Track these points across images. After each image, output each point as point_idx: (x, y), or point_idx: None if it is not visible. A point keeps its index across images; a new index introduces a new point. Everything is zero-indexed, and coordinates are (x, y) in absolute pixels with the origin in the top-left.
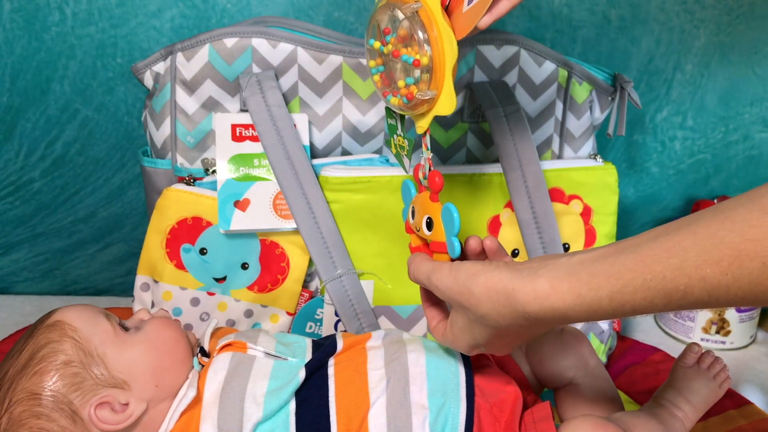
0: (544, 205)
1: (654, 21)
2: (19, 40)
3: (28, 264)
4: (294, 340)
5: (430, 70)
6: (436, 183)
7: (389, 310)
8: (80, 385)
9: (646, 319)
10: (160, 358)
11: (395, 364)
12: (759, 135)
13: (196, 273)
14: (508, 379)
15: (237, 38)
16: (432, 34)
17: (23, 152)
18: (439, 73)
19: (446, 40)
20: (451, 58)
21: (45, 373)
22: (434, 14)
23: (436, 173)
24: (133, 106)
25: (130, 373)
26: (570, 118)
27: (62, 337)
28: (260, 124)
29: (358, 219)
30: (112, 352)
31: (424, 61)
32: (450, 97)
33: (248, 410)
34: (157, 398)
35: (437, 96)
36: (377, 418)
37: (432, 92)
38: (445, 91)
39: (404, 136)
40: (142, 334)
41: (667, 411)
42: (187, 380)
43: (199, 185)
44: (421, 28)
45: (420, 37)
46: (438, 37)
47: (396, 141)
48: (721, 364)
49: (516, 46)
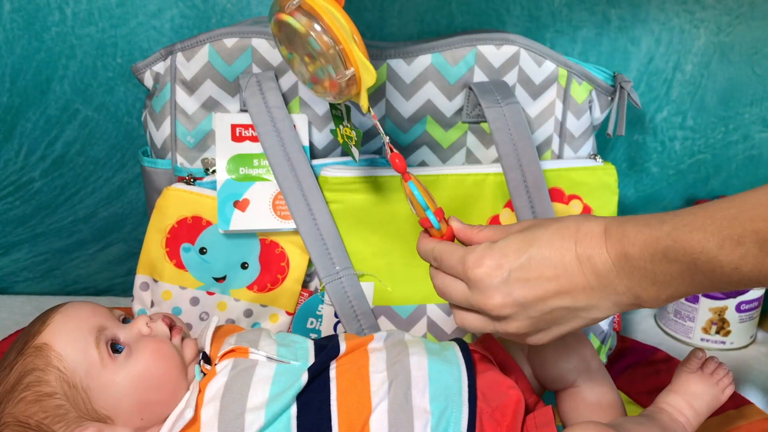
0: (544, 205)
1: (654, 21)
2: (19, 40)
3: (28, 264)
4: (295, 340)
5: (339, 51)
6: (398, 165)
7: (389, 310)
8: (64, 417)
9: (646, 319)
10: (147, 394)
11: (397, 367)
12: (759, 135)
13: (195, 272)
14: (510, 383)
15: (237, 38)
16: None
17: (23, 152)
18: (345, 49)
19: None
20: (346, 30)
21: (30, 403)
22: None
23: (396, 155)
24: (133, 106)
25: (113, 409)
26: (570, 118)
27: (47, 366)
28: (260, 125)
29: (357, 219)
30: (96, 386)
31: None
32: (366, 67)
33: (248, 421)
34: (144, 427)
35: (356, 71)
36: (379, 422)
37: (350, 70)
38: (358, 63)
39: (351, 127)
40: (131, 365)
41: (669, 416)
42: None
43: (199, 185)
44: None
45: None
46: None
47: (342, 132)
48: (724, 370)
49: (516, 46)
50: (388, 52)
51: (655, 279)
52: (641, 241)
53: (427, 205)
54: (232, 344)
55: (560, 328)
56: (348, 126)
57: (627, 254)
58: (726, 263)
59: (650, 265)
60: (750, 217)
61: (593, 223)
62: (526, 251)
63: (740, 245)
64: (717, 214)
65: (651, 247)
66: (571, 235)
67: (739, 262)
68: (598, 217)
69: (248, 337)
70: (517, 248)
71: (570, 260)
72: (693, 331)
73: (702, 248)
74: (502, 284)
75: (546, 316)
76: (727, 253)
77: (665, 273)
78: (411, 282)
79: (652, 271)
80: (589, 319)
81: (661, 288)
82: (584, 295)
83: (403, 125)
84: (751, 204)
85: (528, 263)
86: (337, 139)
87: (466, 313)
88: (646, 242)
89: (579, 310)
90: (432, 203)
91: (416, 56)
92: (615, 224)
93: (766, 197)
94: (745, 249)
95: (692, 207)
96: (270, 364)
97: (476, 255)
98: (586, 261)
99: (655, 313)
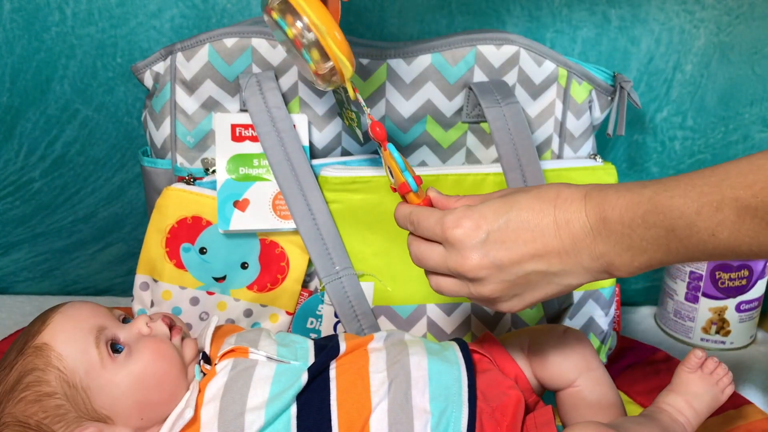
0: None
1: (654, 21)
2: (19, 40)
3: (28, 264)
4: (295, 340)
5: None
6: (378, 133)
7: (389, 310)
8: (64, 416)
9: (646, 318)
10: (147, 393)
11: (397, 367)
12: (759, 135)
13: (195, 272)
14: (510, 383)
15: (237, 38)
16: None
17: (23, 152)
18: (323, 42)
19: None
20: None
21: (29, 403)
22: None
23: (376, 123)
24: (133, 106)
25: (113, 408)
26: (570, 118)
27: (47, 366)
28: (260, 125)
29: (357, 219)
30: (96, 386)
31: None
32: (342, 62)
33: (248, 421)
34: (144, 427)
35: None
36: (379, 422)
37: (329, 63)
38: (336, 55)
39: (351, 109)
40: (131, 364)
41: (669, 416)
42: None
43: (199, 185)
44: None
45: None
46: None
47: (346, 114)
48: (724, 369)
49: (516, 46)
50: (388, 52)
51: (631, 244)
52: (621, 205)
53: (405, 168)
54: (232, 344)
55: (534, 294)
56: (349, 108)
57: (606, 218)
58: (703, 229)
59: (628, 229)
60: (731, 184)
61: (574, 189)
62: (505, 213)
63: (719, 211)
64: (699, 180)
65: (630, 211)
66: (551, 199)
67: (715, 229)
68: (579, 185)
69: (248, 337)
70: (496, 210)
71: (548, 224)
72: (693, 331)
73: (681, 213)
74: (479, 245)
75: (520, 279)
76: (705, 219)
77: (642, 238)
78: (411, 282)
79: (629, 235)
80: (563, 285)
81: (635, 254)
82: (558, 259)
83: (403, 125)
84: (734, 172)
85: (506, 225)
86: (344, 121)
87: (441, 278)
88: (626, 206)
89: (553, 275)
90: (411, 170)
91: (416, 56)
92: (596, 190)
93: (749, 166)
94: (723, 215)
95: (678, 175)
96: (270, 364)
97: (455, 216)
98: (564, 225)
99: (655, 313)
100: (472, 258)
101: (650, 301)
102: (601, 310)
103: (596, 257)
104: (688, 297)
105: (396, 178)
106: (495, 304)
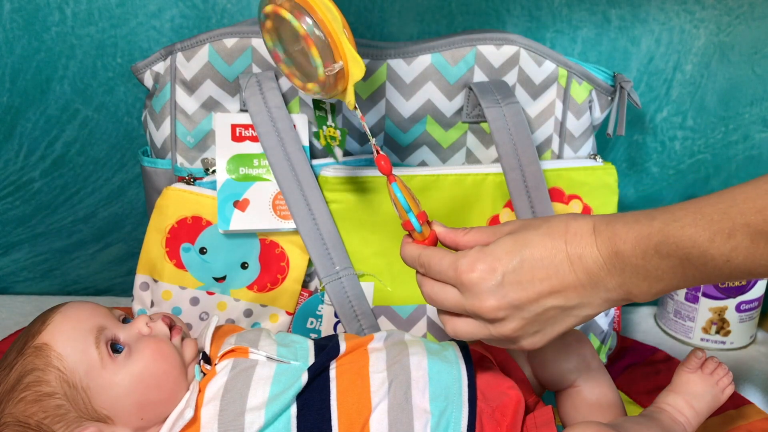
0: (544, 205)
1: (654, 21)
2: (19, 40)
3: (28, 264)
4: (295, 340)
5: (326, 44)
6: (383, 167)
7: (389, 310)
8: (64, 416)
9: (646, 319)
10: (147, 393)
11: (397, 367)
12: (759, 135)
13: (195, 272)
14: (510, 383)
15: (237, 38)
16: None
17: (23, 152)
18: (334, 41)
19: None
20: (336, 22)
21: (30, 403)
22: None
23: (381, 157)
24: (133, 106)
25: (113, 408)
26: (570, 118)
27: (47, 366)
28: (260, 125)
29: (357, 219)
30: (96, 386)
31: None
32: (355, 60)
33: (248, 421)
34: (144, 427)
35: (345, 64)
36: (379, 422)
37: (339, 63)
38: (348, 56)
39: (336, 127)
40: (131, 364)
41: (669, 416)
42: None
43: (199, 185)
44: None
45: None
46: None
47: (326, 132)
48: (724, 369)
49: (516, 46)
50: (388, 52)
51: (647, 274)
52: (632, 238)
53: (409, 207)
54: (232, 344)
55: (554, 329)
56: (332, 126)
57: (618, 251)
58: (718, 256)
59: (642, 261)
60: (740, 210)
61: (581, 222)
62: (518, 253)
63: (731, 238)
64: (707, 208)
65: (642, 244)
66: (561, 234)
67: (730, 255)
68: (585, 216)
69: (248, 337)
70: (509, 251)
71: (561, 260)
72: (693, 331)
73: (693, 243)
74: (496, 287)
75: (539, 316)
76: (719, 246)
77: (657, 268)
78: (411, 282)
79: (644, 267)
80: (581, 317)
81: (652, 283)
82: (576, 293)
83: (403, 125)
84: (741, 198)
85: (521, 265)
86: (318, 141)
87: (457, 319)
88: (637, 239)
89: (571, 308)
90: (415, 206)
91: (416, 56)
92: (603, 222)
93: (756, 190)
94: (736, 242)
95: (683, 202)
96: (270, 364)
97: (469, 259)
98: (577, 260)
99: (655, 313)
100: (490, 301)
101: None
102: None
103: (613, 288)
104: (688, 297)
105: (400, 215)
106: (516, 342)
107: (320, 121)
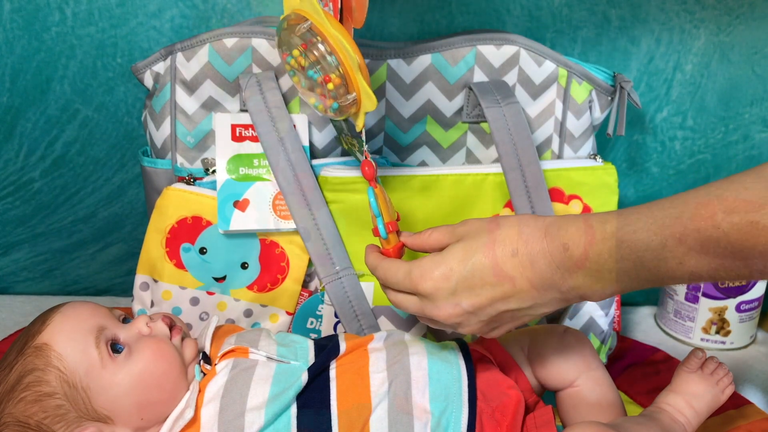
0: (544, 205)
1: (654, 21)
2: (19, 40)
3: (28, 264)
4: (295, 340)
5: (342, 76)
6: (366, 173)
7: (389, 310)
8: (64, 416)
9: (646, 319)
10: (147, 393)
11: (397, 367)
12: (759, 135)
13: (195, 272)
14: (510, 383)
15: (237, 38)
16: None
17: (23, 152)
18: (349, 76)
19: (342, 45)
20: (353, 58)
21: (30, 403)
22: (324, 26)
23: (366, 163)
24: (133, 106)
25: (113, 408)
26: (570, 118)
27: (47, 366)
28: (260, 125)
29: (357, 219)
30: (96, 386)
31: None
32: (368, 95)
33: (248, 421)
34: (144, 427)
35: (358, 97)
36: (379, 422)
37: (352, 95)
38: (361, 90)
39: (351, 135)
40: (131, 364)
41: (669, 416)
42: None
43: (199, 185)
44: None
45: (321, 50)
46: (334, 44)
47: (345, 139)
48: (724, 369)
49: (516, 46)
50: (388, 52)
51: (600, 277)
52: (585, 242)
53: (379, 213)
54: (232, 344)
55: (511, 324)
56: (348, 135)
57: (571, 256)
58: (671, 258)
59: (595, 264)
60: (691, 216)
61: (533, 227)
62: (469, 260)
63: (682, 244)
64: (660, 212)
65: (596, 248)
66: (512, 240)
67: (682, 258)
68: (537, 218)
69: (248, 337)
70: (461, 258)
71: (513, 266)
72: (693, 331)
73: (647, 246)
74: (449, 296)
75: (495, 318)
76: (671, 250)
77: (610, 271)
78: None
79: (597, 270)
80: (537, 315)
81: (606, 284)
82: (529, 296)
83: (403, 125)
84: (693, 203)
85: (472, 273)
86: (343, 146)
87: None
88: (590, 243)
89: (526, 309)
90: (388, 215)
91: (416, 56)
92: (554, 226)
93: (708, 196)
94: (687, 247)
95: (637, 206)
96: (270, 364)
97: (421, 270)
98: (529, 265)
99: (655, 313)
100: (445, 308)
101: (650, 301)
102: (600, 310)
103: (567, 290)
104: (688, 297)
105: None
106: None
107: (339, 130)
